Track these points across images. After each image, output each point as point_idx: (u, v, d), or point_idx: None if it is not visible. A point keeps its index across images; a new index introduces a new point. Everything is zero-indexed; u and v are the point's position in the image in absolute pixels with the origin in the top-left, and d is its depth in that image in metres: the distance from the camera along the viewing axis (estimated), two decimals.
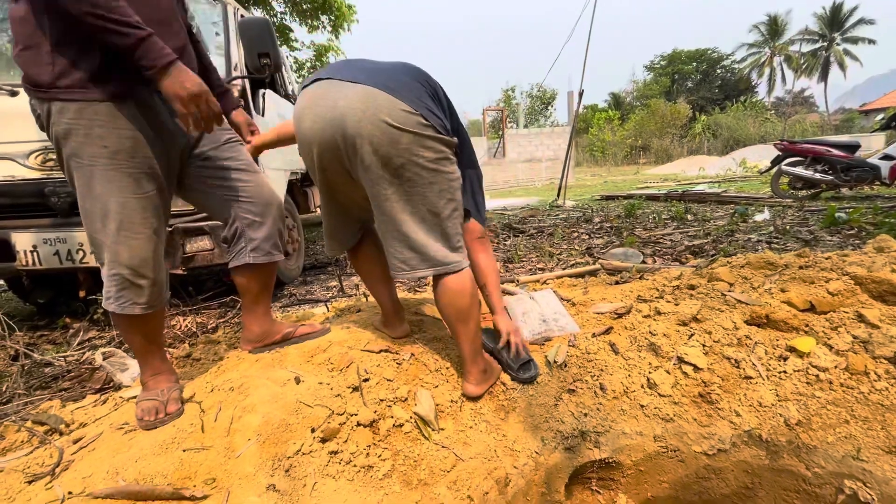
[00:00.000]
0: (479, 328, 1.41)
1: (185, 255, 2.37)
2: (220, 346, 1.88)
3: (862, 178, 5.80)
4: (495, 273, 1.58)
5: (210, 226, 2.38)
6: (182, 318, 2.48)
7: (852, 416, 1.27)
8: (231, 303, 2.68)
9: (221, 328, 2.31)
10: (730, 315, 1.59)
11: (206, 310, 2.68)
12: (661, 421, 1.42)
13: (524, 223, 5.48)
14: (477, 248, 1.52)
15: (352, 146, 1.22)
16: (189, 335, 2.25)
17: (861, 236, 3.46)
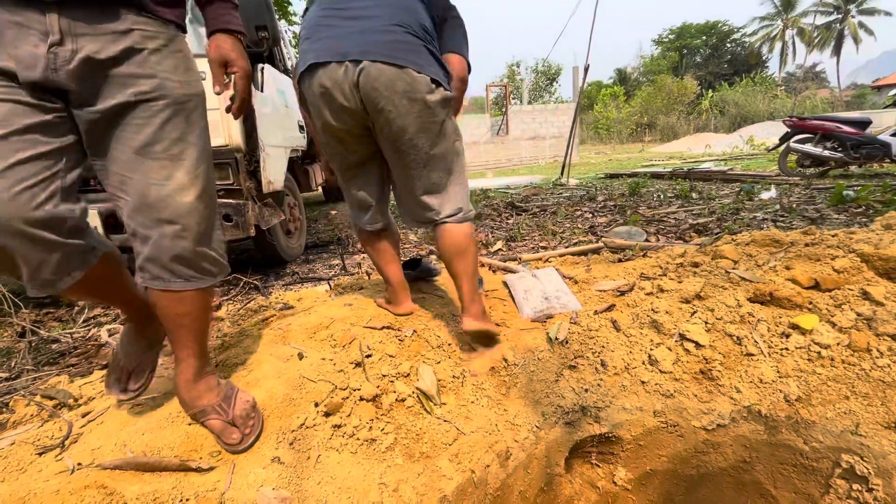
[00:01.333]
0: (478, 269, 1.50)
1: None
2: (223, 323, 1.90)
3: (872, 156, 5.69)
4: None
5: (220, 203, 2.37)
6: None
7: (853, 393, 1.27)
8: (234, 280, 2.69)
9: (225, 305, 2.32)
10: (733, 292, 1.58)
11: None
12: (662, 397, 1.44)
13: (527, 201, 5.44)
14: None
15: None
16: None
17: (869, 214, 3.42)
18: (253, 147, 2.54)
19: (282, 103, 3.27)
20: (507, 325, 1.72)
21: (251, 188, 2.55)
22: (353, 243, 3.89)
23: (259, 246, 3.09)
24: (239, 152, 2.44)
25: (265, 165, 2.66)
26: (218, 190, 2.43)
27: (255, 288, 2.66)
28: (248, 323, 1.78)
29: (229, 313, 2.05)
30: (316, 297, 2.14)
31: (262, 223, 2.57)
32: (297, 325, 1.56)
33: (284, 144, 3.23)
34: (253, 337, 1.51)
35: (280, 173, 3.03)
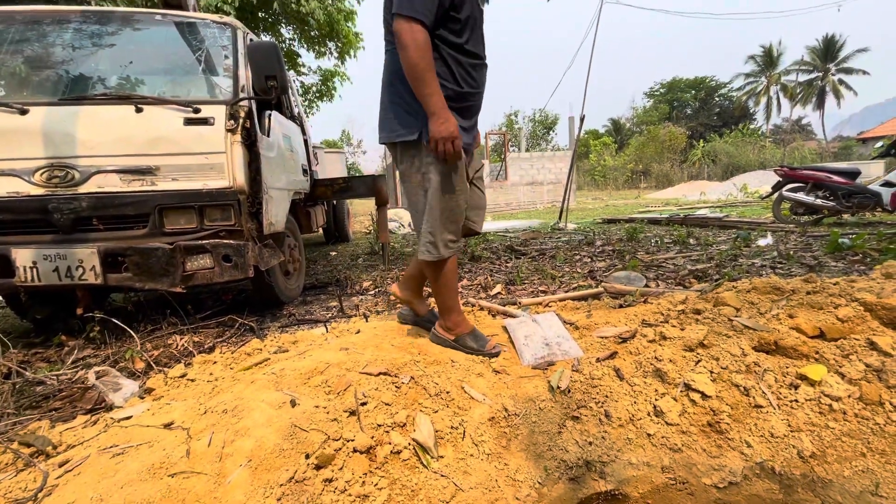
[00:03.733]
0: (450, 291, 1.78)
1: (186, 272, 2.35)
2: (216, 366, 1.85)
3: (864, 205, 5.80)
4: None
5: (212, 244, 2.37)
6: (179, 337, 2.44)
7: (869, 449, 1.22)
8: (229, 322, 2.65)
9: (218, 348, 2.27)
10: (737, 341, 1.55)
11: (204, 329, 2.64)
12: (669, 451, 1.37)
13: (526, 245, 5.47)
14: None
15: None
16: (185, 354, 2.21)
17: (866, 262, 3.43)
18: (256, 189, 2.58)
19: (287, 148, 3.36)
20: (508, 372, 1.68)
21: (252, 229, 2.56)
22: (352, 285, 3.87)
23: (257, 286, 3.07)
24: (242, 194, 2.47)
25: (268, 207, 2.69)
26: (219, 231, 2.45)
27: (250, 329, 2.61)
28: (242, 366, 1.73)
29: (223, 356, 2.00)
30: (312, 340, 2.09)
31: (261, 264, 2.57)
32: (291, 369, 1.52)
33: (288, 187, 3.28)
34: (245, 382, 1.46)
35: (282, 215, 3.06)
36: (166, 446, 1.20)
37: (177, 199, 2.42)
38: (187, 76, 2.83)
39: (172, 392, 1.68)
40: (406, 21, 1.47)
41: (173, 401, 1.57)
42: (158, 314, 2.76)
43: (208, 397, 1.44)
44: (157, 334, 2.53)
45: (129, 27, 2.84)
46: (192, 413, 1.34)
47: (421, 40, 1.47)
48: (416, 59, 1.48)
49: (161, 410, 1.46)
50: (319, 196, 4.39)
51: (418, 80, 1.50)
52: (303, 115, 4.45)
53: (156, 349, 2.31)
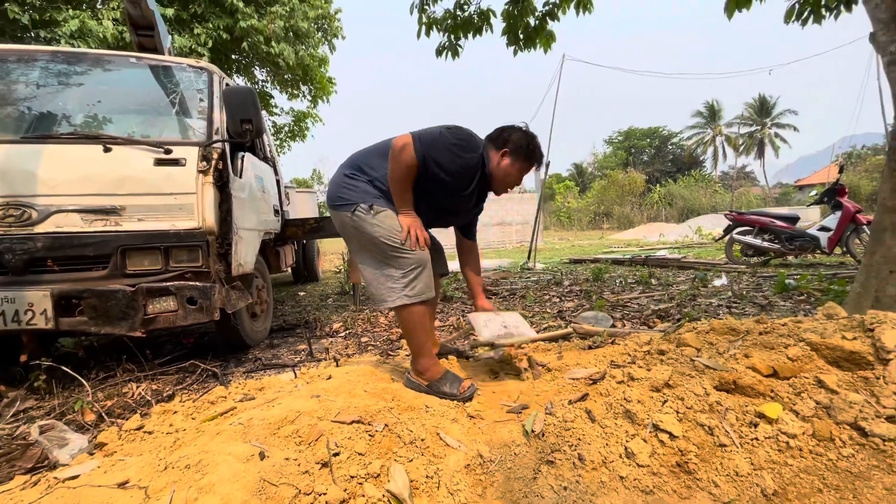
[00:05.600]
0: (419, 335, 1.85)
1: (147, 316, 2.25)
2: (176, 417, 1.75)
3: (804, 248, 6.28)
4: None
5: (177, 286, 2.30)
6: (135, 385, 2.30)
7: (825, 485, 1.28)
8: (191, 367, 2.53)
9: (179, 396, 2.15)
10: (700, 381, 1.62)
11: (163, 375, 2.50)
12: (642, 493, 1.39)
13: (497, 285, 5.55)
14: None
15: None
16: (142, 404, 2.08)
17: (811, 301, 3.68)
18: (226, 230, 2.55)
19: (258, 188, 3.35)
20: (483, 416, 1.68)
21: (220, 271, 2.51)
22: (322, 326, 3.78)
23: (221, 329, 2.96)
24: (211, 235, 2.44)
25: (237, 248, 2.65)
26: (185, 272, 2.38)
27: (213, 375, 2.49)
28: (205, 416, 1.65)
29: (183, 404, 1.89)
30: (280, 386, 2.02)
31: (227, 306, 2.50)
32: (259, 419, 1.46)
33: (258, 228, 3.25)
34: (210, 433, 1.40)
35: (251, 256, 3.01)
36: None
37: (141, 240, 2.35)
38: (160, 117, 2.83)
39: (127, 447, 1.57)
40: (411, 144, 1.72)
41: (128, 456, 1.47)
42: (112, 360, 2.60)
43: (169, 451, 1.36)
44: (111, 382, 2.38)
45: (102, 68, 2.84)
46: (151, 469, 1.26)
47: (413, 165, 1.74)
48: (397, 171, 1.77)
49: (114, 468, 1.36)
50: (290, 236, 4.35)
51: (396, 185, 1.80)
52: (275, 155, 4.48)
53: (109, 399, 2.16)
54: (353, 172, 1.90)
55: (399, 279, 1.77)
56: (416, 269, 1.79)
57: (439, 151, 1.74)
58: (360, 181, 1.87)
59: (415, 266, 1.79)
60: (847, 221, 5.99)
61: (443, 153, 1.75)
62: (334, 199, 1.90)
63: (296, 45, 8.19)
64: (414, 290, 1.77)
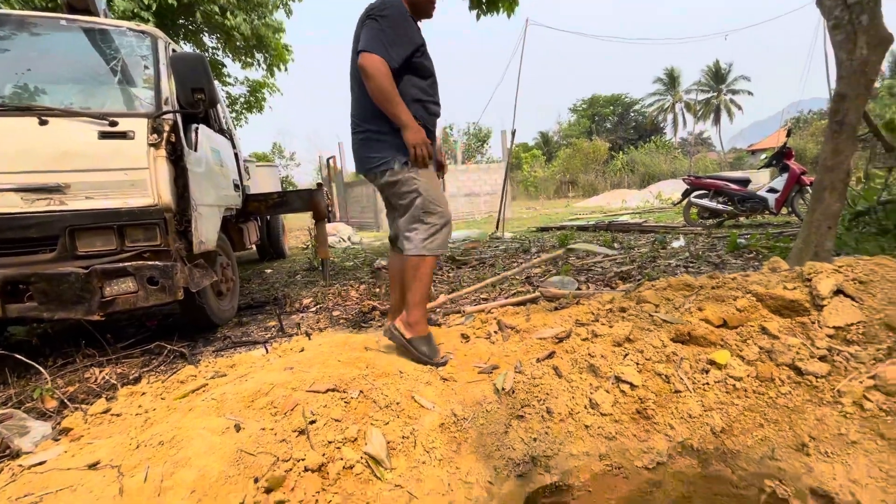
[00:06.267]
0: (424, 289, 1.93)
1: (105, 299, 2.16)
2: (145, 398, 1.72)
3: (754, 209, 6.65)
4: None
5: (135, 266, 2.20)
6: (98, 370, 2.22)
7: (765, 420, 1.41)
8: (156, 349, 2.46)
9: (146, 378, 2.10)
10: (657, 334, 1.72)
11: (127, 359, 2.43)
12: (605, 439, 1.49)
13: (467, 255, 5.61)
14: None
15: None
16: (107, 388, 2.03)
17: (759, 258, 3.93)
18: (184, 207, 2.44)
19: (216, 162, 3.21)
20: (455, 378, 1.73)
21: (180, 249, 2.42)
22: (292, 303, 3.74)
23: (186, 309, 2.88)
24: (168, 212, 2.33)
25: (197, 225, 2.55)
26: (143, 252, 2.29)
27: (181, 356, 2.44)
28: (176, 395, 1.63)
29: (152, 386, 1.86)
30: (252, 362, 2.01)
31: (191, 285, 2.42)
32: (232, 393, 1.46)
33: (218, 203, 3.13)
34: (182, 410, 1.38)
35: (213, 233, 2.91)
36: (93, 488, 1.11)
37: (91, 219, 2.22)
38: (101, 87, 2.63)
39: (95, 430, 1.54)
40: (369, 55, 1.73)
41: (97, 439, 1.44)
42: (71, 346, 2.50)
43: (140, 431, 1.35)
44: (71, 368, 2.30)
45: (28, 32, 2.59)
46: (123, 449, 1.25)
47: (384, 70, 1.73)
48: (382, 85, 1.73)
49: (83, 451, 1.34)
50: (252, 212, 4.22)
51: (388, 101, 1.76)
52: (232, 128, 4.27)
53: (70, 385, 2.09)
54: (366, 129, 1.92)
55: (422, 231, 1.89)
56: (440, 225, 1.91)
57: (389, 38, 1.76)
58: (379, 136, 1.89)
59: (439, 223, 1.90)
60: (793, 183, 6.34)
61: (393, 36, 1.77)
62: (365, 163, 1.96)
63: (250, 13, 7.67)
64: (433, 244, 1.89)
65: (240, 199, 3.86)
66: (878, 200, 3.92)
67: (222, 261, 3.28)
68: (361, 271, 5.18)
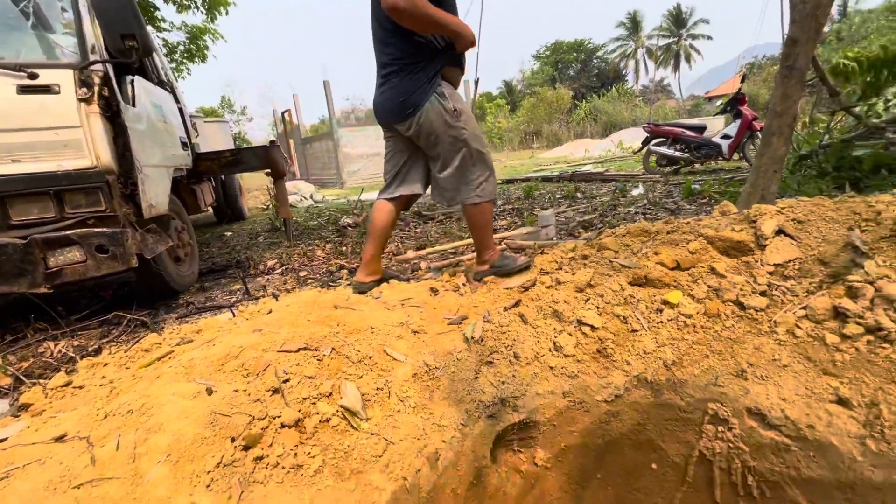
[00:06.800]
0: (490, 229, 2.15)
1: (49, 270, 2.03)
2: (108, 368, 1.67)
3: (709, 155, 6.88)
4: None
5: (80, 234, 2.07)
6: (53, 343, 2.13)
7: (711, 351, 1.54)
8: (115, 319, 2.37)
9: (106, 348, 2.04)
10: (616, 278, 1.81)
11: (84, 331, 2.34)
12: (569, 378, 1.59)
13: (433, 210, 5.59)
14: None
15: None
16: (65, 361, 1.96)
17: (711, 203, 4.12)
18: (128, 168, 2.27)
19: (158, 118, 2.97)
20: (426, 331, 1.77)
21: (129, 214, 2.28)
22: (256, 265, 3.65)
23: (143, 277, 2.76)
24: (111, 174, 2.17)
25: (144, 188, 2.39)
26: (89, 218, 2.14)
27: (143, 325, 2.37)
28: (141, 364, 1.59)
29: (114, 356, 1.81)
30: (219, 326, 1.98)
31: (145, 252, 2.31)
32: (201, 358, 1.44)
33: (165, 164, 2.93)
34: (149, 378, 1.36)
35: (163, 195, 2.75)
36: (63, 459, 1.10)
37: (21, 185, 2.05)
38: (12, 33, 2.33)
39: (58, 404, 1.50)
40: None
41: (60, 413, 1.41)
42: (19, 321, 2.37)
43: (106, 401, 1.32)
44: (22, 343, 2.19)
45: None
46: (90, 420, 1.23)
47: None
48: (419, 7, 1.70)
49: (47, 425, 1.31)
50: (205, 171, 4.00)
51: (432, 19, 1.74)
52: (173, 80, 3.93)
53: (24, 360, 2.00)
54: (399, 71, 1.90)
55: (475, 181, 1.99)
56: (488, 173, 2.03)
57: None
58: (414, 75, 1.89)
59: (486, 172, 2.02)
60: (745, 128, 6.57)
61: None
62: (400, 110, 1.94)
63: None
64: (485, 190, 2.02)
65: (189, 158, 3.64)
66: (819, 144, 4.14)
67: (177, 225, 3.13)
68: (326, 230, 5.08)
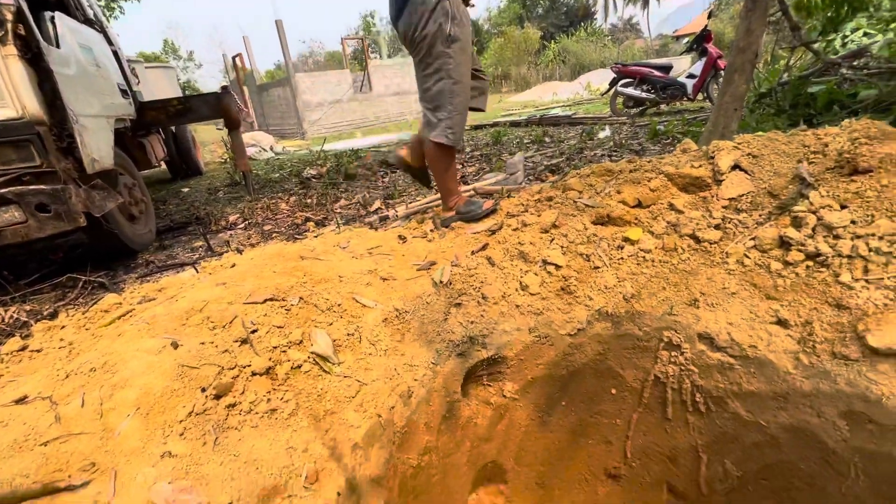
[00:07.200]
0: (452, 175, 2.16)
1: None
2: (66, 331, 1.62)
3: (675, 95, 6.89)
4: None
5: (15, 192, 1.92)
6: (3, 309, 2.03)
7: (668, 284, 1.62)
8: (69, 282, 2.27)
9: (63, 312, 1.96)
10: (581, 218, 1.85)
11: (36, 295, 2.23)
12: (534, 315, 1.66)
13: None
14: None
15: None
16: (18, 326, 1.88)
17: (674, 143, 4.18)
18: (61, 118, 2.08)
19: (90, 62, 2.70)
20: (395, 277, 1.78)
21: (69, 169, 2.12)
22: (217, 221, 3.52)
23: (96, 237, 2.62)
24: (42, 125, 1.98)
25: (83, 140, 2.21)
26: (23, 175, 1.98)
27: (100, 286, 2.28)
28: (101, 324, 1.55)
29: (72, 319, 1.74)
30: (181, 283, 1.92)
31: (93, 210, 2.17)
32: (164, 314, 1.41)
33: (105, 113, 2.70)
34: (111, 337, 1.33)
35: (106, 148, 2.55)
36: (27, 420, 1.08)
37: None
38: None
39: (15, 368, 1.45)
40: None
41: (19, 377, 1.37)
42: None
43: (67, 362, 1.29)
44: None
45: None
46: (51, 381, 1.20)
47: None
48: None
49: (5, 389, 1.27)
50: (151, 122, 3.71)
51: None
52: (102, 18, 3.53)
53: None
54: None
55: (443, 120, 1.98)
56: (459, 117, 1.99)
57: None
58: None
59: (458, 114, 1.99)
60: (709, 67, 6.56)
61: None
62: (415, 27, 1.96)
63: None
64: (451, 135, 2.00)
65: (132, 107, 3.36)
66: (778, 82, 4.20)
67: (126, 181, 2.94)
68: (289, 183, 4.91)
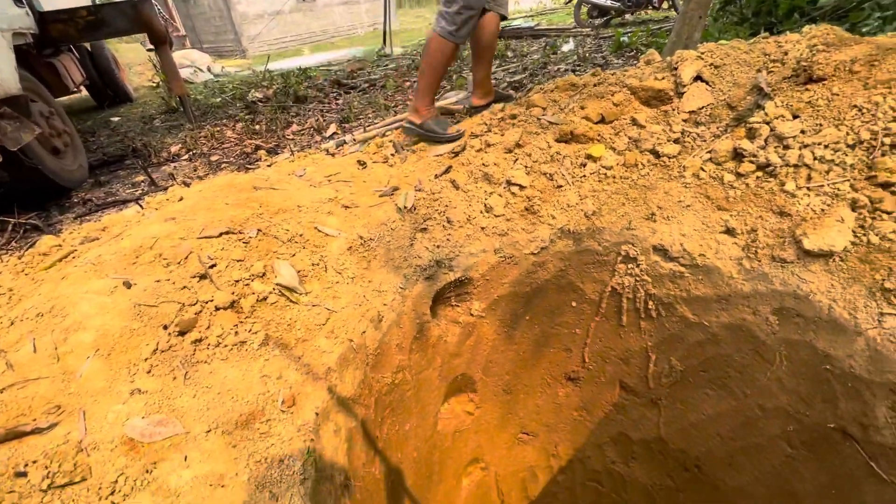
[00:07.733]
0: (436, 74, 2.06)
1: None
2: (2, 277, 1.50)
3: (640, 4, 6.59)
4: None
5: None
6: None
7: (627, 199, 1.66)
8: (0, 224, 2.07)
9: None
10: (544, 136, 1.81)
11: None
12: (499, 236, 1.67)
13: (353, 77, 5.07)
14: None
15: None
16: None
17: (638, 57, 4.07)
18: None
19: None
20: (357, 204, 1.73)
21: None
22: (157, 153, 3.23)
23: (17, 175, 2.36)
24: None
25: None
26: None
27: (34, 228, 2.10)
28: (41, 268, 1.44)
29: (5, 264, 1.61)
30: (126, 221, 1.80)
31: (6, 142, 1.93)
32: (110, 253, 1.32)
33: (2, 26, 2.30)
34: (53, 280, 1.25)
35: (7, 70, 2.21)
36: None
37: None
38: None
39: None
40: None
41: None
42: None
43: (8, 308, 1.21)
44: None
45: None
46: None
47: None
48: None
49: None
50: (59, 38, 3.21)
51: None
52: None
53: None
54: None
55: (451, 11, 1.93)
56: (471, 14, 1.92)
57: None
58: None
59: (471, 11, 1.92)
60: None
61: None
62: None
63: None
64: (457, 32, 1.95)
65: (30, 19, 2.87)
66: None
67: (40, 109, 2.60)
68: (234, 107, 4.51)
